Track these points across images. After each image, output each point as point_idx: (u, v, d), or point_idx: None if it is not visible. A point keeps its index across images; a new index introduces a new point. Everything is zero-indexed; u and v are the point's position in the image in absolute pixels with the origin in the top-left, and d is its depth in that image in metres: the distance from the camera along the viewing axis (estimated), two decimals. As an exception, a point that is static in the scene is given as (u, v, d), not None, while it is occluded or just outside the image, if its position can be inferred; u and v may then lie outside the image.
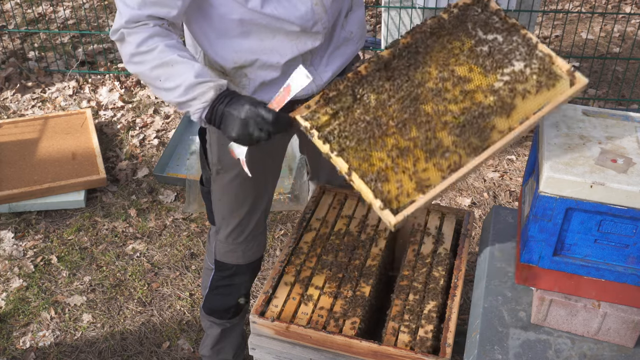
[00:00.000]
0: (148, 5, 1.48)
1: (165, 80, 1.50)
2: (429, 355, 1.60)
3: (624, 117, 1.61)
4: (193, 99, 1.49)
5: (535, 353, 1.54)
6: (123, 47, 1.53)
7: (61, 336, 2.67)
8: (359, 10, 1.80)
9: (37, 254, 3.06)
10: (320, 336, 1.67)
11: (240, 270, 2.01)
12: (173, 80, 1.48)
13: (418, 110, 1.51)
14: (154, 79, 1.51)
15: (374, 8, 5.13)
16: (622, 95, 4.07)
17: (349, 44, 1.79)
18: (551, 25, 4.74)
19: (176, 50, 1.49)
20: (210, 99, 1.49)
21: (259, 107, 1.47)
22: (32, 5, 5.36)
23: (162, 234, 3.15)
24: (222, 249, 1.99)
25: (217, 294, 2.08)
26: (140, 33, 1.48)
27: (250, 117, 1.46)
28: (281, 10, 1.54)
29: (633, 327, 1.52)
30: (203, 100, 1.49)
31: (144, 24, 1.49)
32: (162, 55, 1.48)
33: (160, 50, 1.48)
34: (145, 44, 1.48)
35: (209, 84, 1.48)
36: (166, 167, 3.55)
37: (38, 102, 4.24)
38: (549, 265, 1.53)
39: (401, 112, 1.51)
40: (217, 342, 2.23)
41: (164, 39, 1.50)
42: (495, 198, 3.31)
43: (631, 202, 1.37)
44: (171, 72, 1.48)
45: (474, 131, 1.46)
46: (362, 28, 1.83)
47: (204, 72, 1.50)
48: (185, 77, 1.47)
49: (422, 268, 1.88)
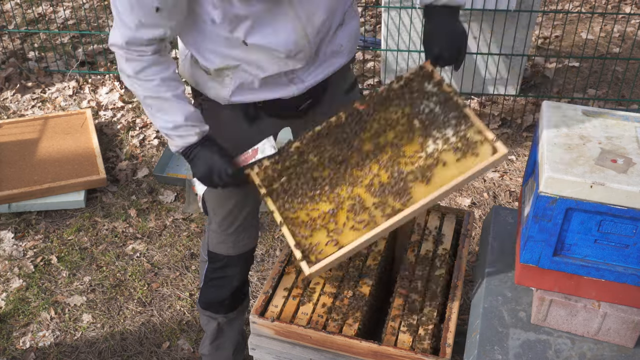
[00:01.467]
0: (145, 26, 1.53)
1: (156, 111, 1.65)
2: (429, 355, 1.60)
3: (624, 117, 1.61)
4: (177, 136, 1.67)
5: (535, 353, 1.54)
6: (121, 65, 1.62)
7: (61, 336, 2.67)
8: (351, 23, 1.78)
9: (37, 254, 3.06)
10: (320, 336, 1.67)
11: (231, 261, 2.03)
12: (164, 114, 1.64)
13: (349, 173, 1.65)
14: (146, 105, 1.66)
15: (374, 8, 5.13)
16: (622, 95, 4.07)
17: (337, 56, 1.80)
18: (551, 25, 4.74)
19: (171, 89, 1.63)
20: (191, 142, 1.68)
21: (224, 161, 1.67)
22: (32, 6, 5.36)
23: (162, 234, 3.15)
24: (213, 240, 2.02)
25: (211, 286, 2.10)
26: (140, 62, 1.59)
27: (215, 168, 1.67)
28: (264, 42, 1.60)
29: (633, 327, 1.52)
30: (185, 141, 1.68)
31: (143, 51, 1.57)
32: (158, 90, 1.62)
33: (156, 85, 1.61)
34: (144, 72, 1.60)
35: (194, 129, 1.66)
36: (166, 167, 3.55)
37: (38, 102, 4.24)
38: (549, 266, 1.53)
39: (335, 174, 1.66)
40: (214, 338, 2.24)
41: (161, 72, 1.61)
42: (495, 198, 3.31)
43: (631, 202, 1.37)
44: (163, 107, 1.64)
45: (394, 194, 1.57)
46: (354, 40, 1.83)
47: (193, 115, 1.66)
48: (176, 118, 1.64)
49: (422, 268, 1.88)
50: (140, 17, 1.51)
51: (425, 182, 1.56)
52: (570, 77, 4.28)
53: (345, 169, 1.65)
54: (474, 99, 3.99)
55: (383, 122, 1.69)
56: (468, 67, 3.92)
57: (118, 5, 1.52)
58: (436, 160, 1.58)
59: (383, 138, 1.66)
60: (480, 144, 1.57)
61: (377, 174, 1.61)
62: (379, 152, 1.64)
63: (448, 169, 1.55)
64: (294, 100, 1.78)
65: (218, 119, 1.79)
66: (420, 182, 1.56)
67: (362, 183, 1.61)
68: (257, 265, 2.95)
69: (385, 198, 1.57)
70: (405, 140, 1.64)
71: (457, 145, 1.57)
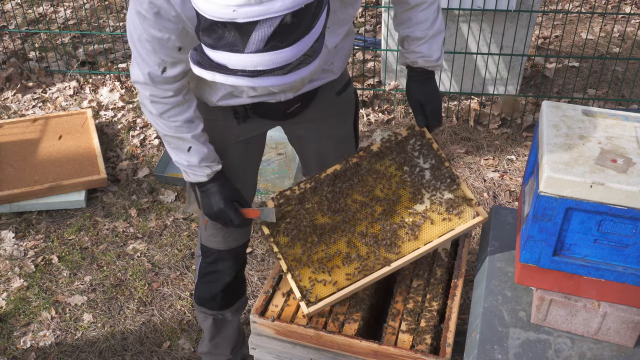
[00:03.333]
0: (168, 64, 1.56)
1: (173, 148, 1.74)
2: (429, 355, 1.60)
3: (624, 117, 1.61)
4: (192, 173, 1.76)
5: (535, 353, 1.54)
6: (146, 104, 1.67)
7: (62, 336, 2.67)
8: (345, 41, 1.79)
9: (38, 253, 3.06)
10: (321, 336, 1.67)
11: (222, 256, 2.04)
12: (180, 152, 1.73)
13: (345, 222, 1.78)
14: (165, 141, 1.74)
15: (374, 8, 5.13)
16: (622, 95, 4.07)
17: (328, 73, 1.82)
18: (551, 25, 4.74)
19: (191, 129, 1.70)
20: (202, 181, 1.77)
21: (231, 208, 1.76)
22: (33, 6, 5.36)
23: (162, 234, 3.15)
24: (205, 233, 2.03)
25: (204, 282, 2.11)
26: (165, 104, 1.65)
27: (221, 212, 1.77)
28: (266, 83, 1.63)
29: (633, 327, 1.52)
30: (198, 178, 1.76)
31: (167, 90, 1.61)
32: (179, 130, 1.69)
33: (178, 126, 1.68)
34: (167, 114, 1.66)
35: (207, 169, 1.74)
36: (167, 167, 3.55)
37: (39, 102, 4.25)
38: (549, 265, 1.53)
39: (332, 222, 1.79)
40: (212, 336, 2.25)
41: (184, 112, 1.68)
42: (495, 198, 3.31)
43: (631, 202, 1.37)
44: (181, 146, 1.72)
45: (385, 246, 1.73)
46: (345, 58, 1.86)
47: (208, 156, 1.74)
48: (191, 159, 1.72)
49: (422, 268, 1.88)
50: (163, 57, 1.54)
51: (414, 237, 1.73)
52: (570, 77, 4.28)
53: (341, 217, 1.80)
54: (474, 99, 3.99)
55: (376, 176, 1.84)
56: (468, 67, 3.92)
57: (139, 47, 1.54)
58: (424, 218, 1.75)
59: (377, 191, 1.82)
60: (464, 207, 1.74)
61: (372, 226, 1.77)
62: (373, 205, 1.79)
63: (434, 226, 1.74)
64: (283, 104, 1.80)
65: (208, 115, 1.81)
66: (411, 236, 1.73)
67: (356, 232, 1.77)
68: (257, 265, 2.96)
69: (377, 249, 1.73)
70: (397, 196, 1.80)
71: (443, 207, 1.75)
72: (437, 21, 1.77)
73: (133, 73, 1.61)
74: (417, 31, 1.76)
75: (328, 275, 1.72)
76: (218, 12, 1.15)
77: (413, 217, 1.76)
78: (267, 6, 1.13)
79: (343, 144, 2.05)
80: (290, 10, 1.15)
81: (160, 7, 1.43)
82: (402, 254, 1.72)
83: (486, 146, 3.67)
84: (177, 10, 1.43)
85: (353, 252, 1.74)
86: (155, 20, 1.45)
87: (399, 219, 1.76)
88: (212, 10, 1.16)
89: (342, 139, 2.06)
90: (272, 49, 1.18)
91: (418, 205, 1.77)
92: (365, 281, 1.70)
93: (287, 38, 1.18)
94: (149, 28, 1.47)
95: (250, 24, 1.15)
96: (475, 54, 3.79)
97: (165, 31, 1.47)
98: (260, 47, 1.17)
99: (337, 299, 1.70)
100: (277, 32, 1.16)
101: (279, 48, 1.18)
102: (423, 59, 1.80)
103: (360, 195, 1.82)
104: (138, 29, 1.50)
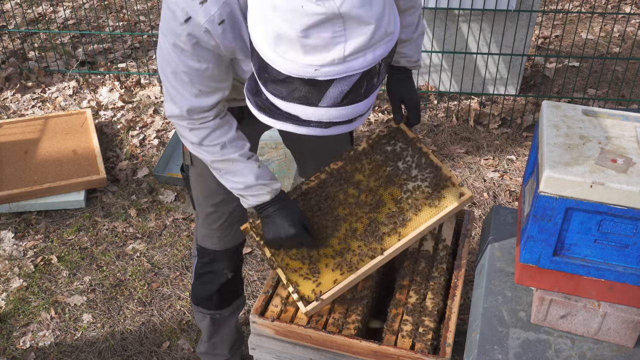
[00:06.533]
0: (207, 94, 1.55)
1: (224, 174, 1.69)
2: (429, 355, 1.60)
3: (624, 117, 1.61)
4: (251, 195, 1.69)
5: (535, 353, 1.54)
6: (185, 134, 1.65)
7: (61, 336, 2.67)
8: None
9: (37, 254, 3.06)
10: (320, 336, 1.67)
11: (217, 256, 2.04)
12: (233, 175, 1.68)
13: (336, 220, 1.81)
14: (214, 169, 1.70)
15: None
16: (622, 95, 4.07)
17: None
18: (551, 25, 4.74)
19: (237, 149, 1.65)
20: (264, 201, 1.70)
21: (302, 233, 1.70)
22: (32, 5, 5.36)
23: (162, 234, 3.15)
24: (200, 233, 2.03)
25: (201, 282, 2.11)
26: (204, 129, 1.61)
27: (291, 238, 1.70)
28: None
29: (633, 327, 1.52)
30: (259, 200, 1.70)
31: (205, 117, 1.60)
32: (224, 152, 1.64)
33: (222, 146, 1.64)
34: (208, 139, 1.63)
35: (266, 188, 1.68)
36: (166, 167, 3.55)
37: (38, 102, 4.24)
38: (549, 265, 1.53)
39: (323, 220, 1.81)
40: (210, 335, 2.25)
41: (225, 134, 1.64)
42: (495, 198, 3.31)
43: (631, 202, 1.37)
44: (232, 169, 1.67)
45: (376, 237, 1.76)
46: None
47: (263, 173, 1.68)
48: (246, 179, 1.66)
49: (422, 268, 1.88)
50: (200, 87, 1.53)
51: (403, 226, 1.76)
52: (570, 77, 4.28)
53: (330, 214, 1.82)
54: (474, 99, 3.99)
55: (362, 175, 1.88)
56: (468, 67, 3.92)
57: (172, 81, 1.53)
58: (411, 206, 1.79)
59: (363, 188, 1.85)
60: (449, 190, 1.78)
61: (361, 220, 1.80)
62: (361, 201, 1.83)
63: (422, 212, 1.78)
64: None
65: None
66: (399, 225, 1.77)
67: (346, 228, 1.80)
68: (257, 265, 2.96)
69: (368, 242, 1.76)
70: (384, 190, 1.84)
71: (428, 192, 1.80)
72: (420, 24, 1.86)
73: (167, 109, 1.61)
74: (403, 34, 1.81)
75: (323, 273, 1.74)
76: (297, 70, 1.17)
77: (400, 206, 1.80)
78: (348, 65, 1.16)
79: (339, 142, 2.05)
80: (368, 68, 1.18)
81: (199, 38, 1.42)
82: (392, 243, 1.75)
83: (486, 146, 3.67)
84: (216, 41, 1.43)
85: (344, 247, 1.77)
86: (194, 51, 1.45)
87: (387, 210, 1.80)
88: (291, 68, 1.17)
89: (338, 137, 2.06)
90: (349, 104, 1.21)
91: (404, 195, 1.82)
92: (360, 272, 1.72)
93: (363, 93, 1.22)
94: (186, 60, 1.47)
95: (329, 81, 1.17)
96: (475, 53, 3.79)
97: (203, 61, 1.47)
98: (337, 102, 1.20)
99: (335, 293, 1.71)
100: (353, 88, 1.19)
101: (356, 102, 1.22)
102: (406, 60, 1.87)
103: (347, 195, 1.85)
104: (173, 62, 1.49)
